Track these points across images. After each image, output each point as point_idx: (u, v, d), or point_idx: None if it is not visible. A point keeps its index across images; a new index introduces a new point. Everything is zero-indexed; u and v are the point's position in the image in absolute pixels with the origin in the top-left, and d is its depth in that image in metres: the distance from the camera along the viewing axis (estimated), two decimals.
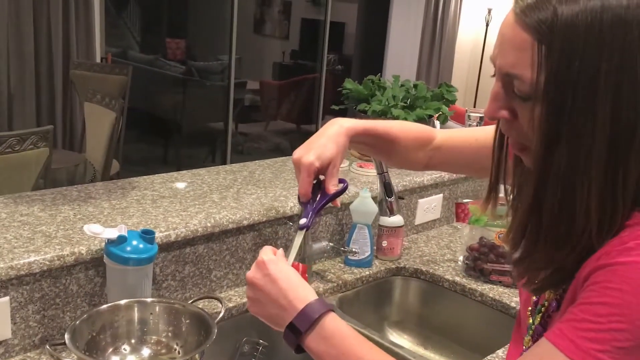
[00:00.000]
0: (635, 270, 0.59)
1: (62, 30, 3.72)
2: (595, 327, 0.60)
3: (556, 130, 0.62)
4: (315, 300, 0.79)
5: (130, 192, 1.43)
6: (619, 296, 0.59)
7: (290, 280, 0.81)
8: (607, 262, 0.61)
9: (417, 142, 1.01)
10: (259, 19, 7.76)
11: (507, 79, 0.66)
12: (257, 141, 6.31)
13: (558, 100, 0.61)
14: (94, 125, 3.06)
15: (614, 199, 0.62)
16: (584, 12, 0.59)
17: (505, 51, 0.65)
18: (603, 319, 0.60)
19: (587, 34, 0.59)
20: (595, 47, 0.59)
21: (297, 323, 0.78)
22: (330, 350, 0.76)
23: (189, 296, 1.31)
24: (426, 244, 1.76)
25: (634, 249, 0.61)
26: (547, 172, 0.63)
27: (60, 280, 1.11)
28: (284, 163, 1.78)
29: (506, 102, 0.67)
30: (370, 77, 1.95)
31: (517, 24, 0.63)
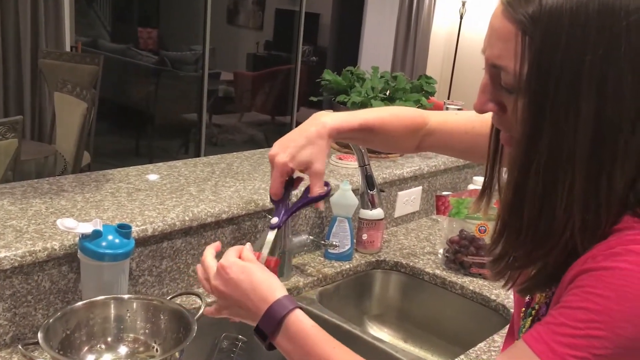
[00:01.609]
0: (619, 276, 0.57)
1: (31, 18, 3.61)
2: (573, 332, 0.58)
3: (538, 123, 0.60)
4: (277, 300, 0.78)
5: (104, 184, 1.38)
6: (601, 302, 0.58)
7: (252, 281, 0.80)
8: (592, 266, 0.60)
9: (409, 130, 0.98)
10: (233, 9, 7.67)
11: (494, 71, 0.65)
12: (231, 133, 6.25)
13: (540, 92, 0.59)
14: (64, 116, 2.98)
15: (598, 198, 0.60)
16: (568, 2, 0.57)
17: (492, 42, 0.64)
18: (582, 325, 0.58)
19: (571, 23, 0.57)
20: (579, 37, 0.57)
21: (262, 326, 0.78)
22: (296, 350, 0.76)
23: (166, 292, 1.28)
24: (406, 237, 1.75)
25: (620, 254, 0.59)
26: (529, 166, 0.61)
27: (32, 277, 1.07)
28: (263, 155, 1.75)
29: (494, 94, 0.66)
30: (349, 68, 1.93)
31: (504, 14, 0.61)
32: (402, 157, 1.88)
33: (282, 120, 6.21)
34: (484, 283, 1.49)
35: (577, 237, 0.61)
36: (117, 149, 5.37)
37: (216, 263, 0.84)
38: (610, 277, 0.58)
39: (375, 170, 1.70)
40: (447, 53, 6.34)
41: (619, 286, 0.57)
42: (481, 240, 1.52)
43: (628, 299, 0.57)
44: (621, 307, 0.57)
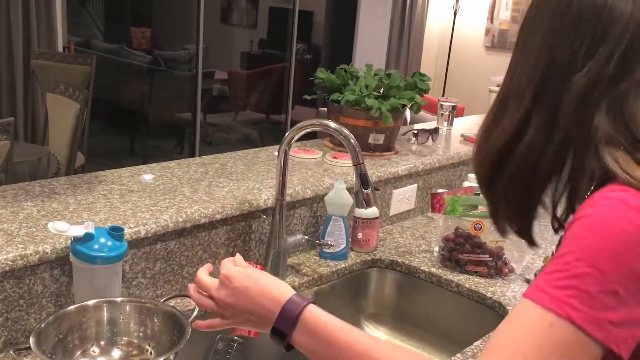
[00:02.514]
0: (595, 219, 0.66)
1: (22, 19, 3.59)
2: (562, 275, 0.66)
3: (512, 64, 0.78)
4: (290, 299, 0.79)
5: (96, 186, 1.37)
6: (582, 244, 0.66)
7: (259, 286, 0.80)
8: (575, 217, 0.69)
9: None
10: (227, 8, 7.65)
11: None
12: (226, 132, 6.23)
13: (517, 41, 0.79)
14: (57, 117, 2.96)
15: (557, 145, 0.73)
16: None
17: None
18: (568, 266, 0.65)
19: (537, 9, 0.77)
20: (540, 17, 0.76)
21: (279, 326, 0.78)
22: (317, 343, 0.77)
23: (160, 294, 1.27)
24: (401, 235, 1.75)
25: (597, 201, 0.67)
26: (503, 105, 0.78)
27: (24, 281, 1.06)
28: (257, 155, 1.74)
29: None
30: (343, 66, 1.92)
31: None
32: (396, 155, 1.88)
33: (277, 119, 6.20)
34: (480, 280, 1.49)
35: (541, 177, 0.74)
36: (111, 149, 5.35)
37: (212, 279, 0.85)
38: (588, 221, 0.67)
39: (370, 169, 1.69)
40: (442, 50, 6.33)
41: (595, 227, 0.66)
42: (476, 237, 1.52)
43: (603, 236, 0.65)
44: (598, 244, 0.64)
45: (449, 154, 1.97)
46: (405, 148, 1.97)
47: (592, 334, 0.63)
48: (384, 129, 1.81)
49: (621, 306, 0.64)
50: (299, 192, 1.49)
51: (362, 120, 1.79)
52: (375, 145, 1.83)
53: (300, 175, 1.59)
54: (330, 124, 1.28)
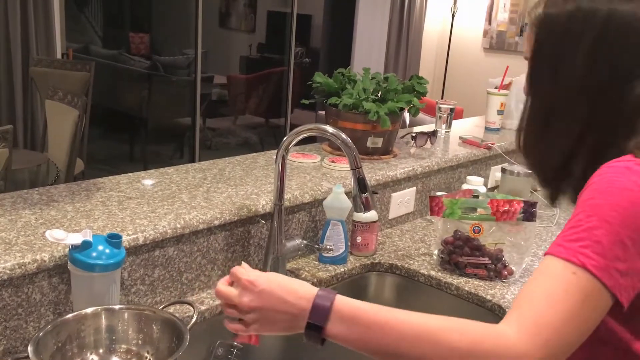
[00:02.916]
0: (603, 182, 0.78)
1: (21, 26, 3.60)
2: (576, 230, 0.76)
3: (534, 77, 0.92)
4: (318, 293, 0.80)
5: (95, 193, 1.37)
6: (592, 203, 0.77)
7: (285, 286, 0.82)
8: (586, 184, 0.80)
9: None
10: (225, 12, 7.66)
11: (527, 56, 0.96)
12: (225, 136, 6.24)
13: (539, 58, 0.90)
14: (55, 124, 2.97)
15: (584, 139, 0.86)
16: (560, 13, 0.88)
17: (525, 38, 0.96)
18: (581, 223, 0.76)
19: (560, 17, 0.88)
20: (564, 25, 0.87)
21: (314, 320, 0.79)
22: (354, 329, 0.78)
23: (159, 300, 1.26)
24: (400, 239, 1.75)
25: (603, 169, 0.79)
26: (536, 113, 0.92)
27: (22, 289, 1.06)
28: (255, 160, 1.74)
29: None
30: (340, 70, 1.92)
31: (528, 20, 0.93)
32: (395, 158, 1.88)
33: (276, 122, 6.20)
34: (479, 283, 1.49)
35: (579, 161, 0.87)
36: (111, 154, 5.36)
37: (231, 288, 0.85)
38: (596, 185, 0.78)
39: (368, 172, 1.69)
40: (440, 52, 6.33)
41: (602, 188, 0.77)
42: (475, 240, 1.51)
43: (610, 194, 0.76)
44: (606, 201, 0.76)
45: (447, 156, 1.97)
46: (404, 151, 1.97)
47: (604, 281, 0.72)
48: (382, 132, 1.81)
49: (628, 257, 0.73)
50: (297, 197, 1.49)
51: (360, 124, 1.79)
52: (374, 149, 1.83)
53: (299, 180, 1.59)
54: (328, 129, 1.28)
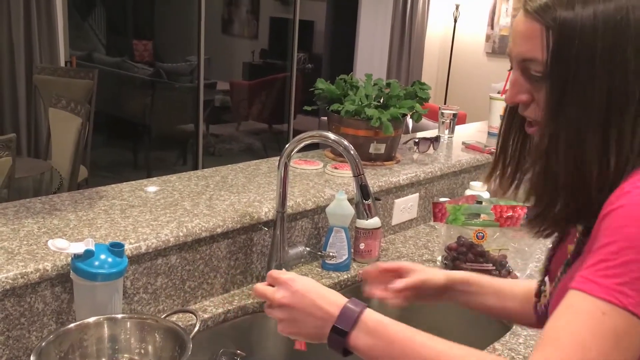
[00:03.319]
0: (632, 208, 0.69)
1: (24, 34, 3.61)
2: (610, 264, 0.67)
3: (561, 99, 0.74)
4: (349, 302, 0.82)
5: (97, 202, 1.37)
6: (624, 232, 0.68)
7: (318, 291, 0.84)
8: (609, 209, 0.71)
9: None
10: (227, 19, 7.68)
11: (523, 65, 0.78)
12: (229, 142, 6.25)
13: (563, 74, 0.74)
14: (59, 132, 2.97)
15: (609, 158, 0.74)
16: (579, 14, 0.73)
17: (519, 42, 0.78)
18: (615, 255, 0.67)
19: (583, 25, 0.73)
20: (591, 33, 0.72)
21: (340, 325, 0.80)
22: (377, 343, 0.78)
23: (162, 309, 1.26)
24: (404, 245, 1.74)
25: (630, 192, 0.70)
26: (557, 136, 0.75)
27: (25, 299, 1.05)
28: (257, 167, 1.74)
29: (524, 87, 0.80)
30: (343, 76, 1.92)
31: (528, 18, 0.77)
32: (398, 164, 1.87)
33: (279, 128, 6.21)
34: None
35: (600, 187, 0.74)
36: (114, 161, 5.37)
37: (267, 286, 0.88)
38: (626, 211, 0.69)
39: (371, 178, 1.69)
40: (442, 57, 6.34)
41: (634, 215, 0.68)
42: (479, 246, 1.51)
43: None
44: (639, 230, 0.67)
45: (450, 162, 1.97)
46: (407, 157, 1.97)
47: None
48: (385, 138, 1.81)
49: None
50: (300, 204, 1.48)
51: (363, 130, 1.79)
52: (376, 155, 1.83)
53: (302, 187, 1.59)
54: (330, 136, 1.28)
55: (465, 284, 1.05)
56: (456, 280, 1.05)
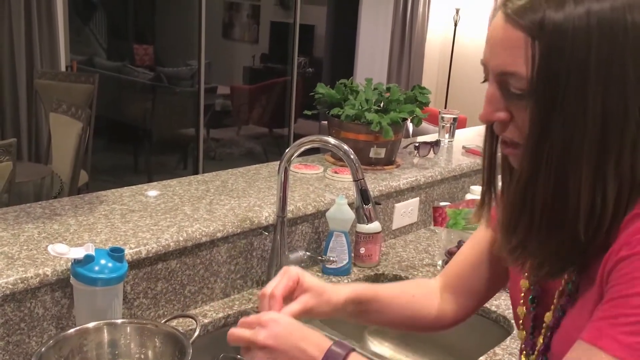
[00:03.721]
0: None
1: (25, 39, 3.62)
2: (633, 319, 0.59)
3: (549, 121, 0.63)
4: (334, 344, 0.75)
5: (97, 206, 1.37)
6: None
7: (302, 333, 0.77)
8: (629, 253, 0.61)
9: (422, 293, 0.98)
10: (228, 23, 7.70)
11: (502, 79, 0.67)
12: (229, 146, 6.25)
13: (551, 92, 0.63)
14: (59, 136, 2.98)
15: (605, 188, 0.63)
16: (570, 16, 0.62)
17: (498, 52, 0.67)
18: (639, 310, 0.59)
19: (575, 31, 0.62)
20: (583, 42, 0.61)
21: None
22: None
23: (162, 313, 1.26)
24: (404, 249, 1.74)
25: None
26: (539, 162, 0.64)
27: (25, 304, 1.05)
28: (258, 171, 1.74)
29: (502, 103, 0.69)
30: (343, 81, 1.93)
31: (508, 23, 0.65)
32: (398, 168, 1.88)
33: (280, 133, 6.21)
34: None
35: (590, 222, 0.64)
36: (115, 166, 5.37)
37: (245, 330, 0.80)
38: None
39: (371, 183, 1.69)
40: (443, 61, 6.34)
41: None
42: None
43: None
44: None
45: (450, 166, 1.97)
46: (407, 161, 1.97)
47: None
48: (385, 142, 1.81)
49: None
50: (300, 209, 1.48)
51: (363, 135, 1.79)
52: (377, 159, 1.83)
53: (302, 191, 1.59)
54: (330, 140, 1.28)
55: (362, 303, 0.93)
56: (353, 300, 0.92)
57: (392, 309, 0.96)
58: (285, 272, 0.87)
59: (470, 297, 0.98)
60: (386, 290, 0.97)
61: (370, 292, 0.94)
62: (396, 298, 0.97)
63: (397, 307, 0.97)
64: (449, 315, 0.98)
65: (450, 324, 0.99)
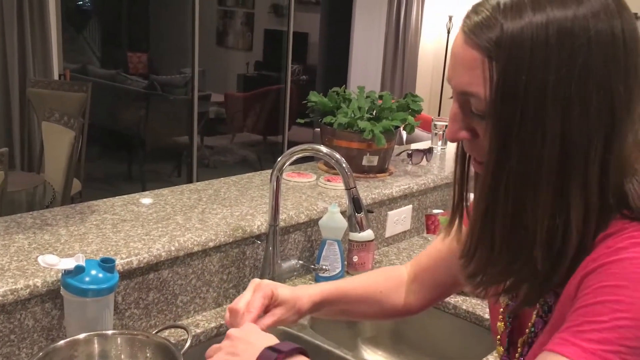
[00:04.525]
0: (630, 265, 0.58)
1: (18, 47, 3.61)
2: (598, 327, 0.57)
3: (506, 144, 0.61)
4: (282, 342, 0.73)
5: (89, 216, 1.37)
6: (619, 292, 0.58)
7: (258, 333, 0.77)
8: (596, 265, 0.60)
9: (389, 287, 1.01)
10: (222, 31, 7.71)
11: (463, 98, 0.66)
12: (223, 154, 6.24)
13: (507, 114, 0.61)
14: (52, 145, 2.97)
15: (568, 211, 0.61)
16: (529, 26, 0.59)
17: (458, 71, 0.65)
18: (606, 317, 0.57)
19: (533, 46, 0.59)
20: (541, 59, 0.58)
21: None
22: None
23: (154, 324, 1.25)
24: (397, 257, 1.74)
25: (625, 248, 0.60)
26: (497, 186, 0.63)
27: (15, 316, 1.05)
28: (250, 180, 1.74)
29: (465, 122, 0.67)
30: (335, 89, 1.93)
31: (467, 43, 0.63)
32: (391, 176, 1.88)
33: (274, 140, 6.21)
34: (477, 302, 1.48)
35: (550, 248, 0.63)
36: (108, 174, 5.36)
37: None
38: (621, 267, 0.58)
39: (364, 190, 1.69)
40: (436, 68, 6.36)
41: (633, 273, 0.57)
42: None
43: None
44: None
45: (443, 173, 1.97)
46: (400, 169, 1.97)
47: None
48: (378, 150, 1.81)
49: None
50: (292, 217, 1.48)
51: (356, 143, 1.79)
52: (369, 167, 1.83)
53: (294, 200, 1.59)
54: (322, 149, 1.28)
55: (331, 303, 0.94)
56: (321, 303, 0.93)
57: (359, 306, 0.99)
58: (258, 288, 0.86)
59: (436, 289, 1.00)
60: (354, 288, 0.99)
61: (337, 292, 0.95)
62: (364, 295, 0.99)
63: (365, 304, 1.00)
64: (414, 305, 1.01)
65: (413, 313, 1.03)
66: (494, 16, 0.61)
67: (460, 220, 0.77)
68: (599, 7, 0.59)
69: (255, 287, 0.86)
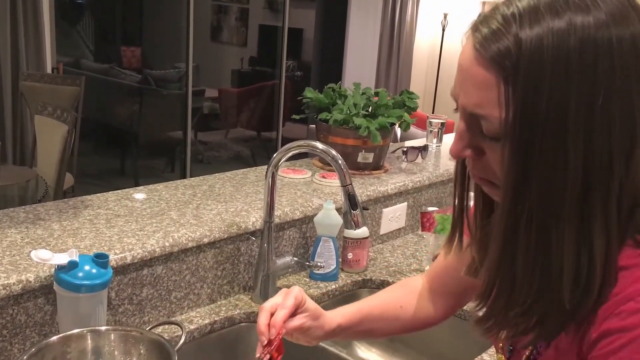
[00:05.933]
0: None
1: (11, 40, 3.58)
2: None
3: (525, 171, 0.56)
4: None
5: (82, 211, 1.36)
6: None
7: None
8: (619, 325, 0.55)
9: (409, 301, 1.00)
10: (216, 26, 7.68)
11: (472, 119, 0.61)
12: (217, 150, 6.22)
13: (526, 140, 0.55)
14: (44, 139, 2.94)
15: (591, 245, 0.56)
16: (548, 36, 0.54)
17: (468, 90, 0.60)
18: None
19: (554, 64, 0.54)
20: (563, 80, 0.53)
21: None
22: None
23: (147, 320, 1.25)
24: (392, 254, 1.74)
25: None
26: (518, 218, 0.57)
27: (7, 311, 1.04)
28: (245, 175, 1.73)
29: (472, 141, 0.63)
30: (331, 85, 1.92)
31: (477, 60, 0.57)
32: (386, 173, 1.87)
33: (268, 136, 6.20)
34: (471, 301, 1.48)
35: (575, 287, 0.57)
36: (101, 169, 5.33)
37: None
38: None
39: (359, 187, 1.69)
40: (431, 65, 6.37)
41: None
42: None
43: None
44: None
45: (438, 171, 1.97)
46: (395, 166, 1.97)
47: None
48: (373, 147, 1.80)
49: None
50: (287, 214, 1.47)
51: (351, 139, 1.78)
52: (365, 164, 1.83)
53: (289, 196, 1.58)
54: (318, 145, 1.27)
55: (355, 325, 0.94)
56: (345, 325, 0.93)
57: (380, 325, 0.98)
58: (289, 292, 0.88)
59: (450, 298, 1.00)
60: (374, 307, 0.98)
61: (359, 314, 0.96)
62: (384, 313, 0.98)
63: (386, 322, 0.99)
64: (434, 316, 1.01)
65: (434, 323, 1.02)
66: (507, 27, 0.55)
67: (461, 234, 0.75)
68: (617, 12, 0.55)
69: (287, 292, 0.88)
